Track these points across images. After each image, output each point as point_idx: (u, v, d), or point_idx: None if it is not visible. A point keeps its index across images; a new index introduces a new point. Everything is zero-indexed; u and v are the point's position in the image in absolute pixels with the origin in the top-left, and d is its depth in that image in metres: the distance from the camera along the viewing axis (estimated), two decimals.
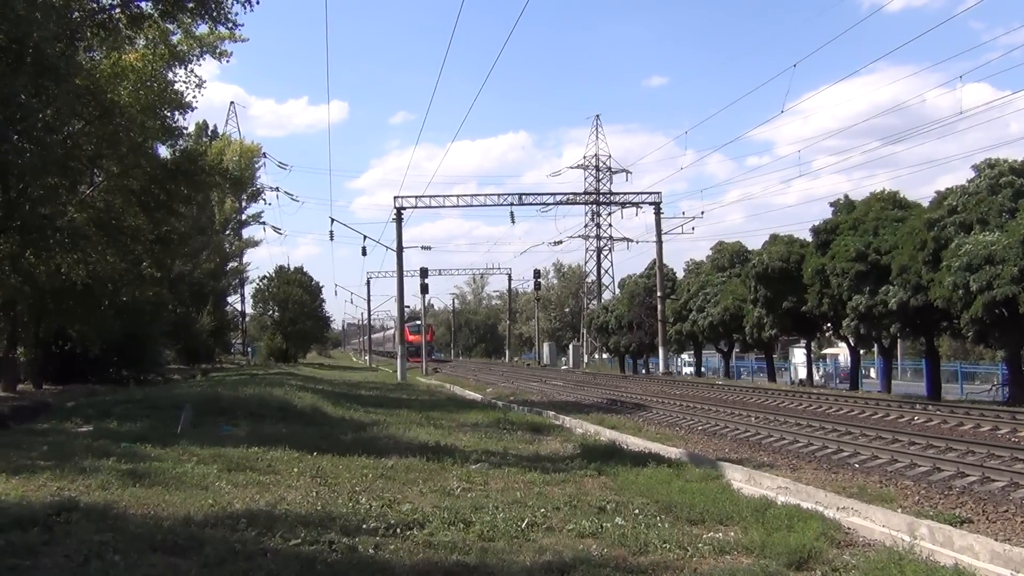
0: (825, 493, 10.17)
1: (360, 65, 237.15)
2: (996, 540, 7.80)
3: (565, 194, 55.48)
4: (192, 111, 25.67)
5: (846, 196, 33.55)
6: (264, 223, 77.24)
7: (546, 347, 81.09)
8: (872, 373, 47.61)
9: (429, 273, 57.46)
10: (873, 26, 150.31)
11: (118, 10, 20.20)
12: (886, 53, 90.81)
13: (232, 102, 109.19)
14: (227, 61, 27.22)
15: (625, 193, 58.17)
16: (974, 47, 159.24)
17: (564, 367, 67.55)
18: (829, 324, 36.12)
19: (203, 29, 24.50)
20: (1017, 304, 22.18)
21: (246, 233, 75.37)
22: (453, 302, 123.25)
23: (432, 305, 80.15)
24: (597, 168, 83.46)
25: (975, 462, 12.59)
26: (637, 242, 70.91)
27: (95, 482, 9.40)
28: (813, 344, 47.11)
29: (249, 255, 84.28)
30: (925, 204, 29.65)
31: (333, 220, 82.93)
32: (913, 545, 7.62)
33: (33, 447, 12.46)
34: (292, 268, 76.37)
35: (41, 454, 11.69)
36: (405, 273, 51.12)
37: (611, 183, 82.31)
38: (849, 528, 8.64)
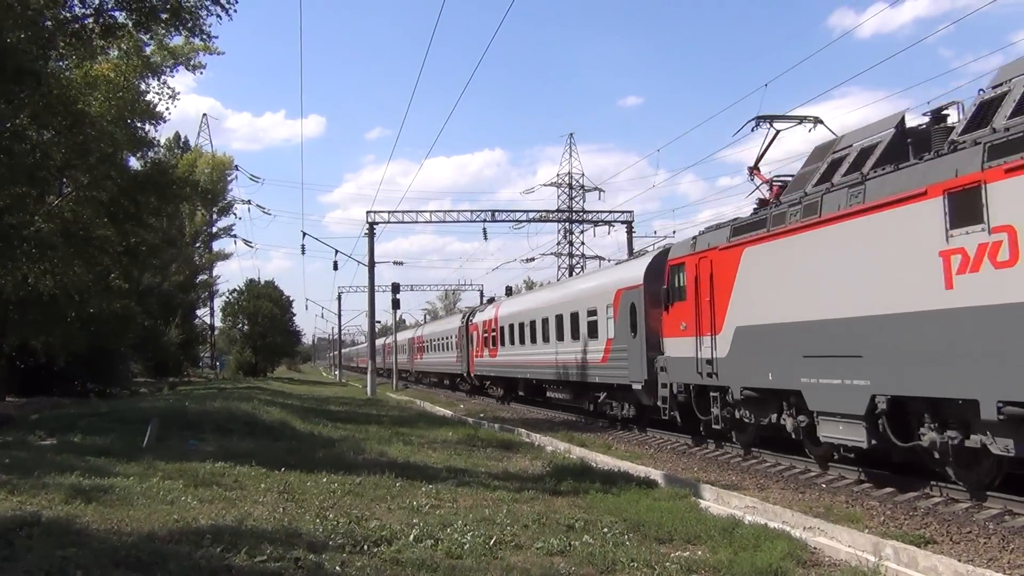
0: (792, 513, 10.24)
1: (339, 80, 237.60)
2: (959, 561, 7.89)
3: (538, 211, 55.41)
4: (164, 122, 25.68)
5: None
6: (235, 236, 76.71)
7: None
8: None
9: (401, 288, 57.04)
10: (844, 50, 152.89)
11: (91, 20, 20.08)
12: (855, 75, 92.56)
13: (205, 114, 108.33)
14: (200, 73, 27.32)
15: (598, 211, 58.33)
16: (943, 73, 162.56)
17: None
18: None
19: (178, 41, 24.45)
20: None
21: (217, 246, 74.94)
22: (425, 317, 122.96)
23: (404, 320, 79.53)
24: (571, 186, 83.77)
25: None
26: (609, 260, 70.97)
27: (58, 496, 9.26)
28: None
29: (219, 268, 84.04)
30: None
31: (305, 234, 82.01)
32: (878, 565, 7.69)
33: None
34: (263, 282, 75.98)
35: (2, 467, 11.48)
36: (377, 288, 50.86)
37: (584, 201, 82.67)
38: (815, 548, 8.69)
